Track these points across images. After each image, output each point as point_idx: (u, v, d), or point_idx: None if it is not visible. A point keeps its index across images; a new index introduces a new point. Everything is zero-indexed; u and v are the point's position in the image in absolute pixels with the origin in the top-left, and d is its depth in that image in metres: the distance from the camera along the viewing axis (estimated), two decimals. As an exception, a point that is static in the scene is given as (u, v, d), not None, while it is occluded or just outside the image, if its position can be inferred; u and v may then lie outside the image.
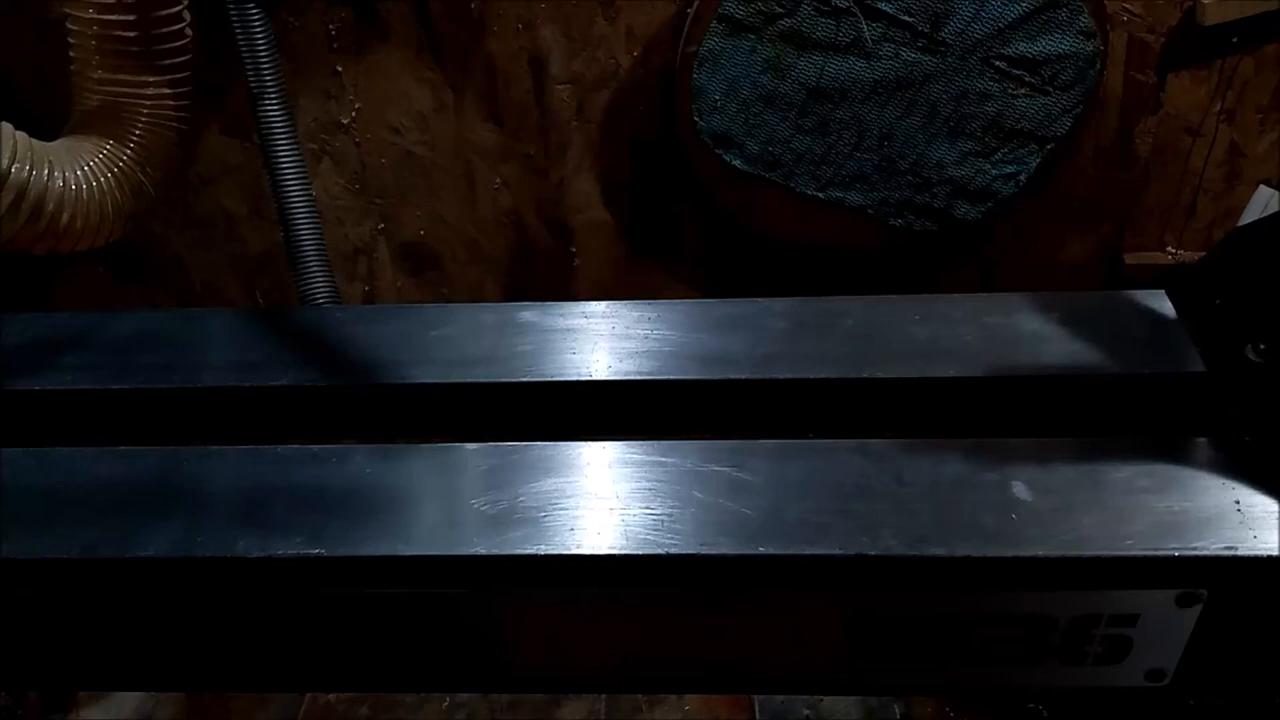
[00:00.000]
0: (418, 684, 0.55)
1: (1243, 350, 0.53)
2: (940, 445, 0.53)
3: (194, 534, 0.51)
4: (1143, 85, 1.33)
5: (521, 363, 0.61)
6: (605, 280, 1.51)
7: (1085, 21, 1.21)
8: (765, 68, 1.25)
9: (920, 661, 0.52)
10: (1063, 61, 1.24)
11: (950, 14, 1.20)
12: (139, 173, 1.21)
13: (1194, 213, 1.45)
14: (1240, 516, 0.48)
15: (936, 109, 1.27)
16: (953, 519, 0.49)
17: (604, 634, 0.53)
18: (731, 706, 1.36)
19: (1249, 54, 1.30)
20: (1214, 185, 1.42)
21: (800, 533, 0.48)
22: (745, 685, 0.55)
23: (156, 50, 1.14)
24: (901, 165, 1.32)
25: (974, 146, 1.30)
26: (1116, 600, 0.48)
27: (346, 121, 1.40)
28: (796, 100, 1.27)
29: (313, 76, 1.36)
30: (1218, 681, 0.52)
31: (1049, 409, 0.57)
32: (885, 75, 1.25)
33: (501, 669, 0.55)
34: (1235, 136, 1.37)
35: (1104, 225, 1.47)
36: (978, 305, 0.63)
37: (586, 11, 1.28)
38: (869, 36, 1.22)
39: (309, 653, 0.55)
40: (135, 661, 0.56)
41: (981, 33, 1.22)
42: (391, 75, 1.35)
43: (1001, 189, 1.34)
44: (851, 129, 1.29)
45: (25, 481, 0.55)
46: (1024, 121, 1.28)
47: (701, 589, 0.50)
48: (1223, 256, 0.58)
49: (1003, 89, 1.26)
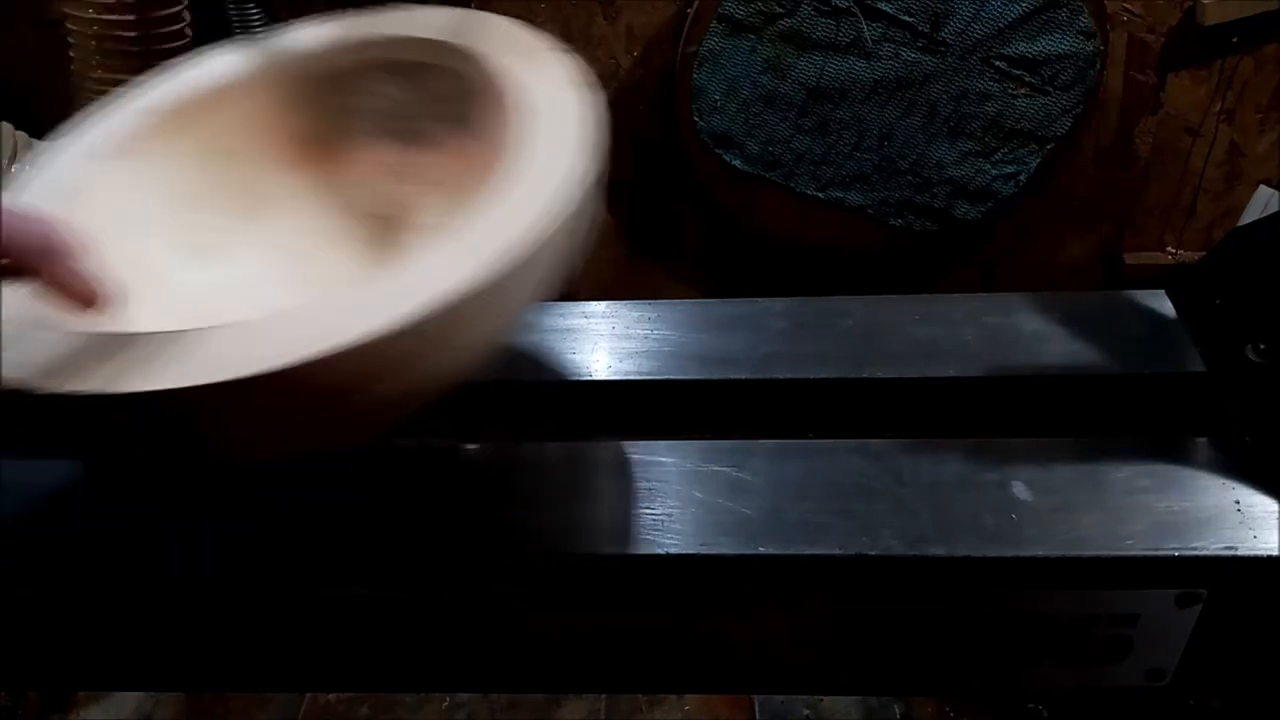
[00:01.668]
0: (418, 684, 0.55)
1: (1243, 350, 0.53)
2: (940, 445, 0.53)
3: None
4: (1143, 85, 1.33)
5: (521, 362, 0.61)
6: (605, 280, 1.51)
7: (1085, 21, 1.21)
8: (765, 68, 1.25)
9: (920, 661, 0.52)
10: (1063, 61, 1.24)
11: (950, 14, 1.21)
12: (139, 173, 1.21)
13: (1194, 213, 1.45)
14: (1240, 516, 0.48)
15: (936, 109, 1.27)
16: (953, 519, 0.49)
17: (604, 634, 0.53)
18: (731, 706, 1.36)
19: (1249, 54, 1.30)
20: (1214, 185, 1.42)
21: (800, 533, 0.48)
22: (745, 685, 0.55)
23: (156, 50, 1.14)
24: (901, 165, 1.32)
25: (974, 146, 1.30)
26: (1116, 600, 0.48)
27: (346, 121, 1.40)
28: (796, 100, 1.27)
29: (313, 76, 1.36)
30: (1218, 681, 0.52)
31: (1049, 409, 0.57)
32: (885, 75, 1.25)
33: (501, 669, 0.55)
34: (1235, 136, 1.37)
35: (1104, 225, 1.47)
36: (978, 305, 0.63)
37: (586, 11, 1.28)
38: (869, 36, 1.22)
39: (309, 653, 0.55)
40: (135, 661, 0.56)
41: (981, 33, 1.22)
42: (391, 75, 1.35)
43: (1001, 189, 1.34)
44: (851, 129, 1.29)
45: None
46: (1024, 121, 1.28)
47: (701, 589, 0.50)
48: (1223, 256, 0.58)
49: (1003, 89, 1.26)
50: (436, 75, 0.52)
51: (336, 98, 0.55)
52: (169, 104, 0.51)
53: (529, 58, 0.49)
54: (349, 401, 0.37)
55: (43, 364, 0.36)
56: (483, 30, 0.51)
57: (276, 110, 0.54)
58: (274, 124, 0.54)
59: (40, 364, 0.36)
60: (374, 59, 0.54)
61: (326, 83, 0.54)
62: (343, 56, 0.54)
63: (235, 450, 0.40)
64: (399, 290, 0.36)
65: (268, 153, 0.55)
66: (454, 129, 0.53)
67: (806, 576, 0.49)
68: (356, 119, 0.55)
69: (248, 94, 0.54)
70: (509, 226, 0.38)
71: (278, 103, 0.54)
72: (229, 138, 0.53)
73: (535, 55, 0.49)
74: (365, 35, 0.54)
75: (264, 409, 0.36)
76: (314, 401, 0.36)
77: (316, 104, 0.54)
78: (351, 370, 0.35)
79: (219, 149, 0.53)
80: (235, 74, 0.53)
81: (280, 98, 0.54)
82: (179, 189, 0.52)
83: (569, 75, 0.48)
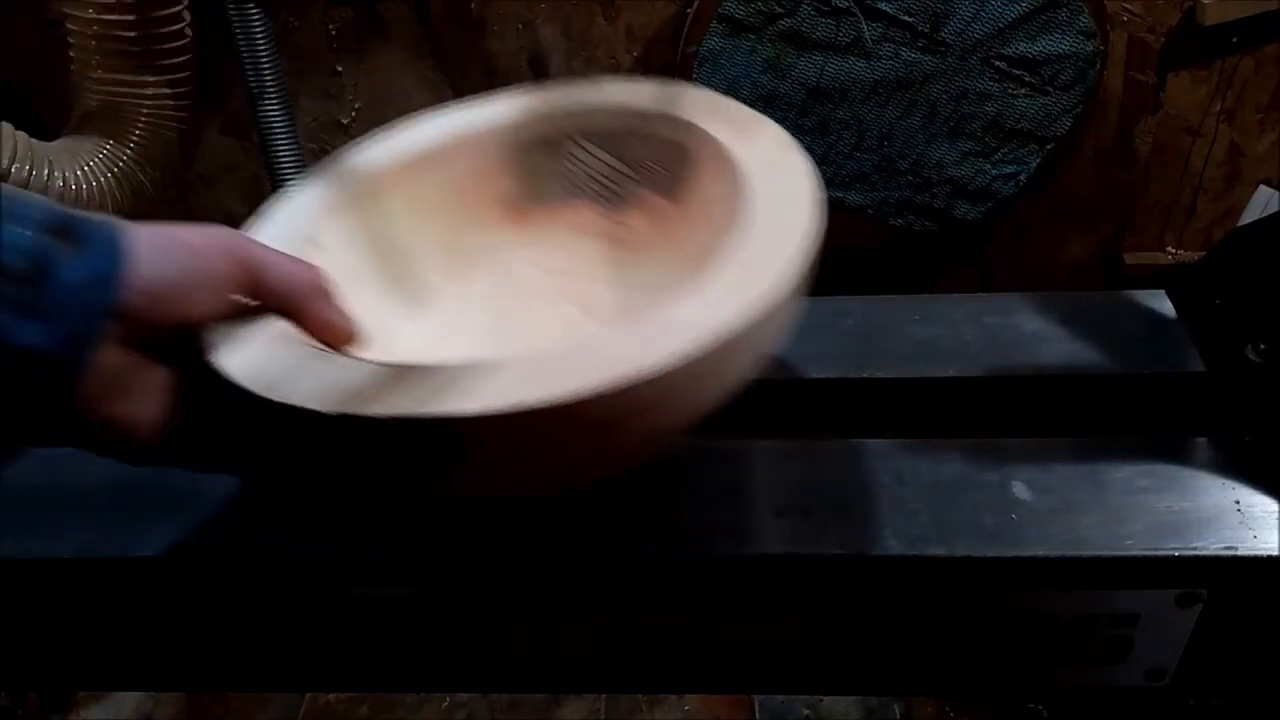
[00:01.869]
0: (418, 684, 0.55)
1: (1243, 350, 0.53)
2: (940, 445, 0.53)
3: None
4: (1143, 85, 1.33)
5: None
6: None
7: (1085, 21, 1.21)
8: (765, 68, 1.25)
9: (920, 661, 0.52)
10: (1063, 61, 1.24)
11: (950, 14, 1.21)
12: (139, 173, 1.21)
13: (1194, 213, 1.45)
14: (1240, 516, 0.48)
15: (936, 109, 1.27)
16: (953, 519, 0.49)
17: (604, 634, 0.53)
18: (731, 706, 1.36)
19: (1249, 54, 1.30)
20: (1214, 185, 1.42)
21: (800, 533, 0.48)
22: (745, 685, 0.55)
23: (156, 50, 1.14)
24: (901, 165, 1.32)
25: (974, 146, 1.30)
26: (1116, 600, 0.48)
27: (346, 121, 1.40)
28: (796, 100, 1.27)
29: (313, 76, 1.36)
30: (1218, 681, 0.52)
31: (1049, 409, 0.57)
32: (885, 75, 1.25)
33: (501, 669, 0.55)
34: (1235, 136, 1.37)
35: (1104, 225, 1.47)
36: (978, 305, 0.63)
37: (586, 11, 1.28)
38: (869, 36, 1.22)
39: (309, 653, 0.55)
40: (135, 661, 0.56)
41: (981, 33, 1.22)
42: (391, 75, 1.35)
43: (1001, 189, 1.34)
44: (851, 129, 1.29)
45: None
46: (1024, 121, 1.28)
47: (701, 589, 0.50)
48: (1223, 256, 0.58)
49: (1003, 89, 1.26)
50: (642, 141, 0.56)
51: (541, 162, 0.58)
52: (380, 164, 0.55)
53: (736, 123, 0.52)
54: (623, 432, 0.40)
55: (344, 389, 0.38)
56: (687, 100, 0.55)
57: (481, 173, 0.57)
58: (478, 186, 0.58)
59: (341, 389, 0.38)
60: (579, 127, 0.57)
61: (530, 148, 0.57)
62: (545, 124, 0.57)
63: (489, 484, 0.43)
64: (673, 327, 0.39)
65: (472, 212, 0.58)
66: (656, 191, 0.56)
67: (806, 576, 0.49)
68: (559, 181, 0.58)
69: (454, 157, 0.57)
70: (763, 272, 0.41)
71: (482, 166, 0.57)
72: (435, 198, 0.56)
73: (742, 120, 0.52)
74: (566, 105, 0.57)
75: (547, 439, 0.38)
76: (593, 433, 0.39)
77: (520, 167, 0.58)
78: (632, 402, 0.37)
79: (426, 209, 0.56)
80: (441, 138, 0.57)
81: (485, 162, 0.57)
82: (389, 244, 0.55)
83: (781, 137, 0.50)
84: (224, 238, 0.41)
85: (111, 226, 0.37)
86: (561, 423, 0.37)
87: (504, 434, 0.37)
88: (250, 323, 0.42)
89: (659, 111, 0.55)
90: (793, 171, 0.48)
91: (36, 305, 0.34)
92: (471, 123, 0.57)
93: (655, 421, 0.40)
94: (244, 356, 0.41)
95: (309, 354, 0.41)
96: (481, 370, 0.38)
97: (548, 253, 0.58)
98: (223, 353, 0.41)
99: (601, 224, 0.58)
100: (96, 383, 0.36)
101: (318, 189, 0.54)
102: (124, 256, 0.37)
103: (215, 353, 0.41)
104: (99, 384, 0.36)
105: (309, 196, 0.53)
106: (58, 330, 0.34)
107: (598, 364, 0.37)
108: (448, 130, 0.57)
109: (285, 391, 0.38)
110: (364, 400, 0.37)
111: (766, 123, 0.52)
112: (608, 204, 0.58)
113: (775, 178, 0.48)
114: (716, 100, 0.55)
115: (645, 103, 0.56)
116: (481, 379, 0.37)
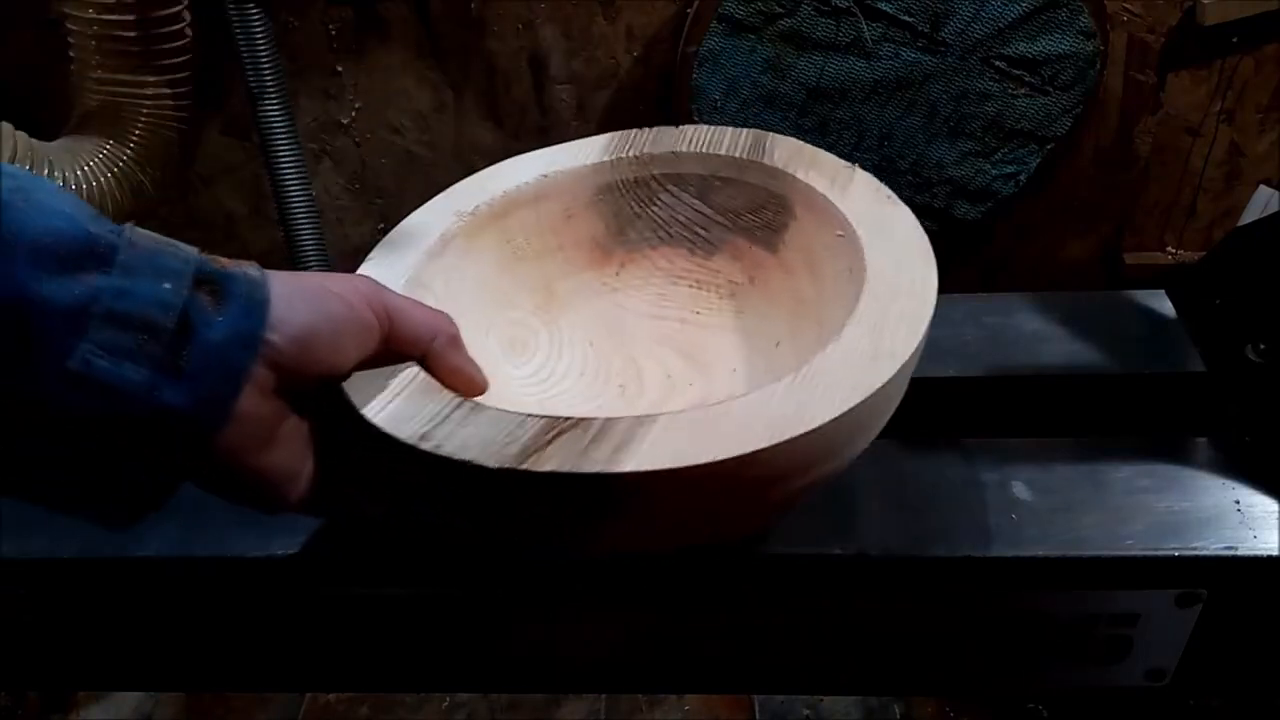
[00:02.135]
0: (418, 684, 0.55)
1: (1243, 350, 0.53)
2: (940, 445, 0.53)
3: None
4: (1143, 85, 1.33)
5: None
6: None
7: (1085, 21, 1.21)
8: (765, 68, 1.25)
9: (920, 661, 0.52)
10: (1063, 61, 1.24)
11: (950, 14, 1.21)
12: (139, 173, 1.21)
13: (1194, 213, 1.45)
14: (1240, 516, 0.48)
15: (936, 109, 1.27)
16: (953, 519, 0.49)
17: (604, 634, 0.53)
18: (731, 706, 1.36)
19: (1249, 54, 1.30)
20: (1214, 185, 1.42)
21: (800, 533, 0.48)
22: (745, 685, 0.55)
23: (156, 50, 1.14)
24: (901, 165, 1.32)
25: (974, 146, 1.30)
26: (1116, 600, 0.48)
27: (346, 121, 1.40)
28: (796, 100, 1.27)
29: (313, 76, 1.36)
30: (1218, 681, 0.52)
31: (1049, 409, 0.57)
32: (885, 75, 1.25)
33: (501, 669, 0.55)
34: (1235, 136, 1.37)
35: (1104, 225, 1.47)
36: (978, 305, 0.63)
37: (586, 11, 1.28)
38: (869, 36, 1.22)
39: (309, 653, 0.55)
40: (135, 661, 0.56)
41: (981, 33, 1.22)
42: (391, 75, 1.35)
43: (1001, 189, 1.34)
44: (851, 129, 1.29)
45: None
46: (1024, 121, 1.28)
47: (701, 589, 0.50)
48: (1223, 256, 0.58)
49: (1003, 89, 1.26)
50: (733, 188, 0.56)
51: (629, 206, 0.58)
52: (473, 207, 0.55)
53: (828, 171, 0.53)
54: (781, 487, 0.40)
55: (503, 442, 0.38)
56: (778, 147, 0.55)
57: (570, 216, 0.58)
58: (568, 228, 0.58)
59: (501, 442, 0.38)
60: (667, 173, 0.58)
61: (619, 192, 0.58)
62: (633, 168, 0.58)
63: (640, 540, 0.43)
64: (823, 381, 0.39)
65: (561, 254, 0.58)
66: (749, 239, 0.56)
67: (806, 576, 0.49)
68: (647, 226, 0.59)
69: (543, 200, 0.57)
70: (898, 328, 0.42)
71: (572, 209, 0.58)
72: (526, 240, 0.57)
73: (832, 168, 0.53)
74: (653, 150, 0.58)
75: (709, 496, 0.38)
76: (754, 488, 0.39)
77: (609, 211, 0.58)
78: (793, 457, 0.38)
79: (517, 251, 0.57)
80: (531, 180, 0.57)
81: (574, 205, 0.58)
82: (487, 286, 0.55)
83: (873, 185, 0.51)
84: (364, 286, 0.41)
85: (254, 279, 0.36)
86: (725, 479, 0.37)
87: (667, 491, 0.37)
88: (385, 372, 0.42)
89: (750, 159, 0.55)
90: (899, 223, 0.48)
91: (180, 364, 0.33)
92: (560, 165, 0.58)
93: (813, 475, 0.40)
94: (388, 406, 0.40)
95: (452, 403, 0.41)
96: (639, 425, 0.38)
97: (638, 296, 0.59)
98: (365, 402, 0.40)
99: (691, 269, 0.58)
100: (238, 432, 0.36)
101: (422, 232, 0.53)
102: (267, 311, 0.36)
103: (358, 402, 0.40)
104: (241, 434, 0.36)
105: (414, 239, 0.53)
106: (200, 390, 0.34)
107: (758, 420, 0.37)
108: (537, 173, 0.57)
109: (441, 443, 0.38)
110: (526, 455, 0.37)
111: (857, 171, 0.52)
112: (697, 250, 0.58)
113: (883, 229, 0.48)
114: (803, 148, 0.55)
115: (735, 149, 0.56)
116: (640, 435, 0.37)
